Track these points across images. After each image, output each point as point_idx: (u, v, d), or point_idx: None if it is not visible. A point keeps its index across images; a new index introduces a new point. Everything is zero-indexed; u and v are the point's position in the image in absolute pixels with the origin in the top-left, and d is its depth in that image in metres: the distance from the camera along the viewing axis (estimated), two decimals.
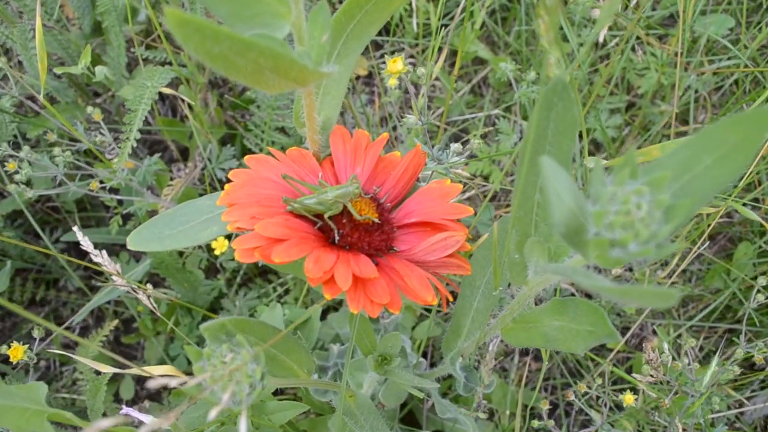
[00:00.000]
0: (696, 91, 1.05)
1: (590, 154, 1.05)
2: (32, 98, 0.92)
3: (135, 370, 0.54)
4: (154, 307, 0.67)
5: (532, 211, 0.40)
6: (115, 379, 1.02)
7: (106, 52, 0.91)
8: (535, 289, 0.44)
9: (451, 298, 0.41)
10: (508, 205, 1.03)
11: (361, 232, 0.42)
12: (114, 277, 0.68)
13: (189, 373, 0.42)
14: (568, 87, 0.33)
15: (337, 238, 0.42)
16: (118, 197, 0.86)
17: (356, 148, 0.46)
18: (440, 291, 0.41)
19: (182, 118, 1.06)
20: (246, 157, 0.45)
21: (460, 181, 0.55)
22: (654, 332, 1.02)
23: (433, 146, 0.57)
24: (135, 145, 0.68)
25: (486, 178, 0.96)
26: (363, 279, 0.38)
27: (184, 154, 1.10)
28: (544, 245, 0.39)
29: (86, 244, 0.68)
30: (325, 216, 0.41)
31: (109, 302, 1.06)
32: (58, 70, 0.77)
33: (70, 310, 1.07)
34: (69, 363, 1.04)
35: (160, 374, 0.51)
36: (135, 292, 0.66)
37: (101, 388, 0.68)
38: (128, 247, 0.45)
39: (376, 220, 0.43)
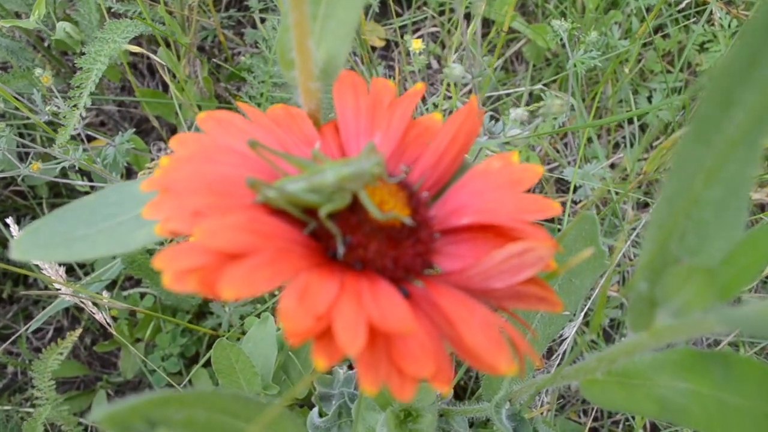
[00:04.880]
0: None
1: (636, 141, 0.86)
2: None
3: None
4: (108, 324, 0.49)
5: (683, 213, 0.22)
6: (90, 389, 0.85)
7: (77, 9, 0.73)
8: (665, 340, 0.26)
9: (539, 363, 0.23)
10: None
11: (383, 241, 0.24)
12: (61, 285, 0.50)
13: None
14: None
15: (341, 250, 0.23)
16: (91, 184, 0.68)
17: (375, 105, 0.28)
18: (518, 347, 0.23)
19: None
20: (200, 115, 0.27)
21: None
22: None
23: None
24: (84, 114, 0.50)
25: None
26: (387, 332, 0.20)
27: (174, 132, 0.92)
28: (712, 276, 0.21)
29: None
30: (322, 212, 0.23)
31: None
32: (5, 23, 0.59)
33: (41, 308, 0.89)
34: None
35: None
36: (83, 303, 0.49)
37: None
38: (12, 256, 0.27)
39: (408, 221, 0.24)
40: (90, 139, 0.83)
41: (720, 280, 0.22)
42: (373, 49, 0.91)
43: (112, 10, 0.65)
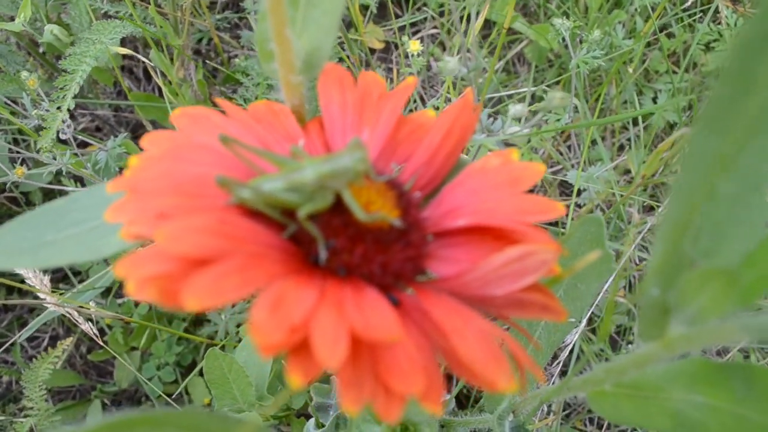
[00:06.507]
0: None
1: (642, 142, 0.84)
2: None
3: None
4: (95, 335, 0.47)
5: (696, 210, 0.20)
6: (85, 399, 0.83)
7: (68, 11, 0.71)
8: (679, 350, 0.23)
9: (542, 378, 0.21)
10: None
11: (370, 245, 0.22)
12: (45, 295, 0.48)
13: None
14: None
15: (323, 254, 0.21)
16: (85, 189, 0.67)
17: (363, 100, 0.26)
18: (518, 361, 0.21)
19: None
20: (174, 111, 0.25)
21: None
22: None
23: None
24: (66, 120, 0.48)
25: None
26: (372, 342, 0.18)
27: None
28: (731, 279, 0.18)
29: None
30: (301, 213, 0.21)
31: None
32: None
33: (36, 316, 0.87)
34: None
35: None
36: (69, 314, 0.47)
37: None
38: None
39: (397, 222, 0.22)
40: (86, 144, 0.81)
41: (740, 284, 0.20)
42: (372, 51, 0.89)
43: (103, 11, 0.64)
